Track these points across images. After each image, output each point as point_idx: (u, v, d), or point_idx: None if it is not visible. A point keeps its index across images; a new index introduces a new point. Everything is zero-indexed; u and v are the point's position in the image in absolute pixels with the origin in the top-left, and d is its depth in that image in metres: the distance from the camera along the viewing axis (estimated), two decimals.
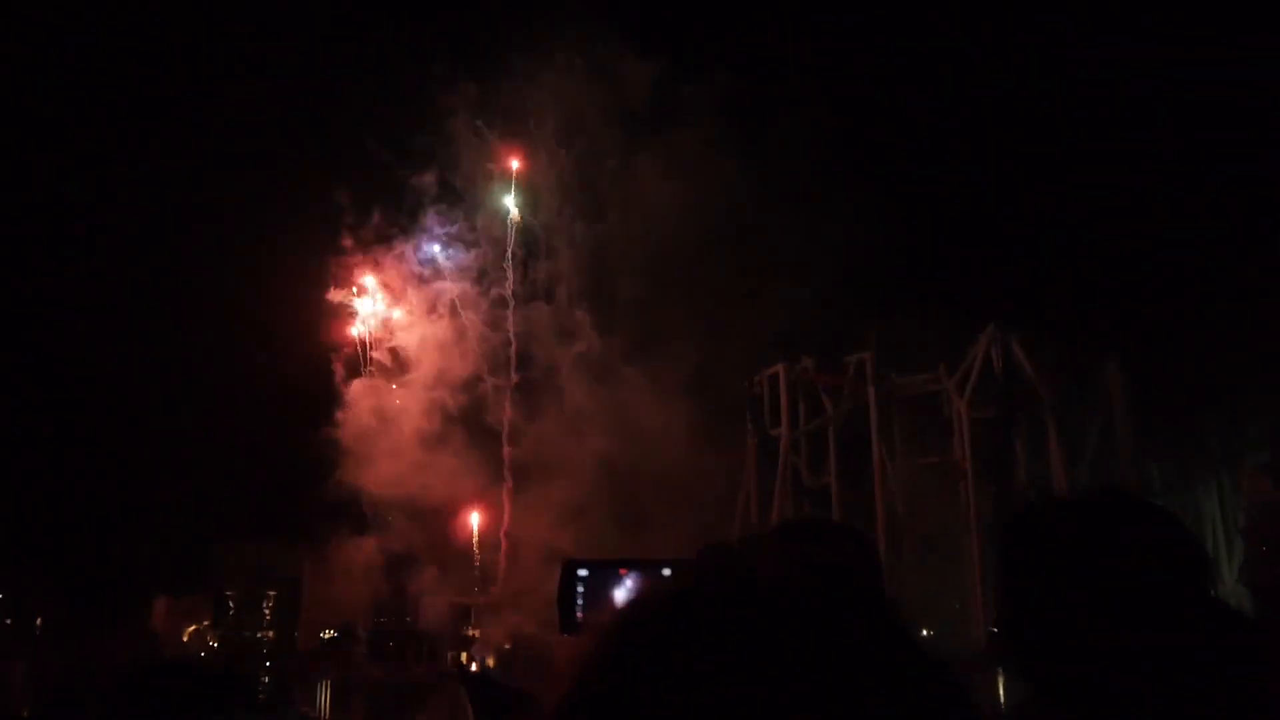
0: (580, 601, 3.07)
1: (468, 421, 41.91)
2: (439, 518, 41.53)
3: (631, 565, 3.11)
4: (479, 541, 41.99)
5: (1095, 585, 2.24)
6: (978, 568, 35.20)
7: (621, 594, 3.02)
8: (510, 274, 42.21)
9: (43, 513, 42.95)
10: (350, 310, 42.29)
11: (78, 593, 43.28)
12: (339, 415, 41.14)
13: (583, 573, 3.09)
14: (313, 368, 42.46)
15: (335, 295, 42.24)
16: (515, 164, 42.33)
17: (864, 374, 39.23)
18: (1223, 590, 33.19)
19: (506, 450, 41.66)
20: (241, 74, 44.38)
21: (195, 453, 43.53)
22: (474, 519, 42.06)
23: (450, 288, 42.46)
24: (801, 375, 40.46)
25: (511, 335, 41.91)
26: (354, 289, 42.51)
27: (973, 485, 36.45)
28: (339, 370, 42.04)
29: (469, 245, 42.53)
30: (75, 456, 44.18)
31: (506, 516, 41.41)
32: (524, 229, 42.64)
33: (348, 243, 42.28)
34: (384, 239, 42.43)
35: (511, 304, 42.08)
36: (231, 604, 48.38)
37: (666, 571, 2.86)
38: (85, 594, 43.38)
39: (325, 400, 41.50)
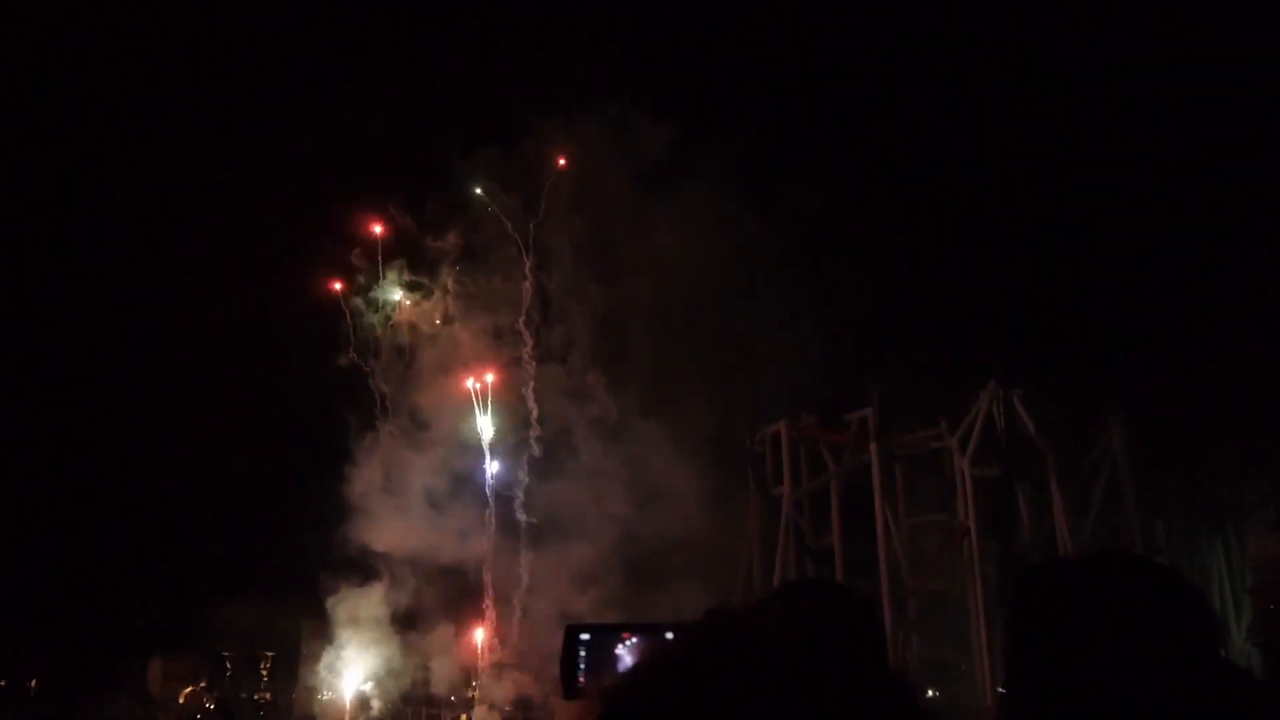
0: (583, 666, 3.04)
1: (477, 481, 41.98)
2: (447, 578, 41.29)
3: (634, 629, 3.09)
4: (488, 601, 41.60)
5: (1103, 646, 2.22)
6: (983, 627, 34.81)
7: (624, 658, 3.00)
8: (528, 338, 42.39)
9: (38, 572, 42.62)
10: (366, 367, 42.44)
11: (73, 654, 42.80)
12: (346, 473, 41.21)
13: (585, 637, 3.07)
14: (320, 423, 42.55)
15: (348, 356, 42.45)
16: (531, 228, 42.64)
17: (866, 431, 39.11)
18: (1232, 649, 32.81)
19: (522, 517, 41.48)
20: (260, 129, 44.89)
21: (192, 512, 43.32)
22: (485, 579, 41.75)
23: (467, 344, 42.68)
24: (803, 433, 40.34)
25: (531, 402, 41.93)
26: (369, 348, 42.70)
27: (976, 543, 36.16)
28: (350, 426, 42.15)
29: (486, 307, 42.85)
30: (71, 515, 43.95)
31: (525, 579, 40.99)
32: (538, 291, 42.88)
33: (364, 301, 42.68)
34: (403, 296, 42.75)
35: (533, 367, 42.14)
36: (228, 665, 47.84)
37: (670, 635, 2.83)
38: (80, 655, 42.90)
39: (332, 458, 41.62)
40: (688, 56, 45.08)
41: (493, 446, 42.05)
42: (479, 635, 41.39)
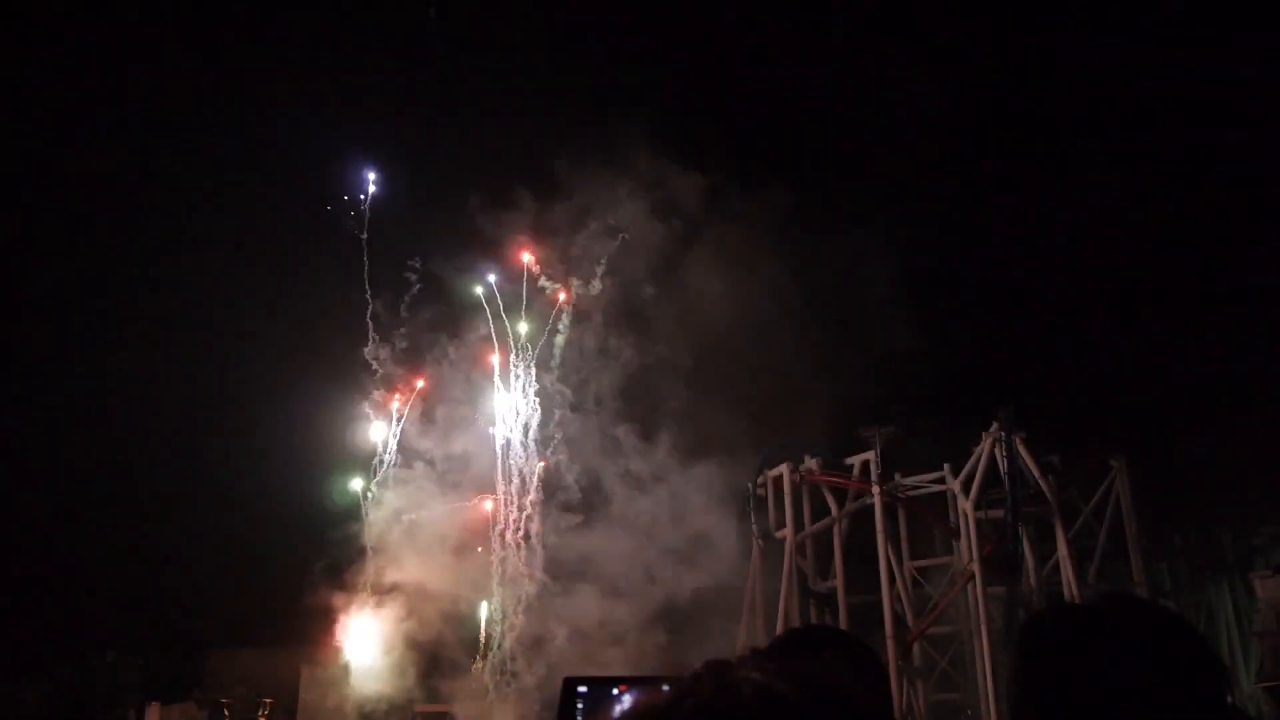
0: (580, 718, 3.01)
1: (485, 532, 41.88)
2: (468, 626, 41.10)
3: (630, 682, 3.06)
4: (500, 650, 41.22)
5: (1109, 691, 2.20)
6: (989, 671, 34.51)
7: (621, 710, 2.96)
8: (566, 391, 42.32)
9: (30, 617, 42.33)
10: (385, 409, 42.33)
11: (65, 701, 42.42)
12: (357, 517, 41.19)
13: (582, 689, 3.04)
14: (327, 468, 42.43)
15: (368, 404, 42.37)
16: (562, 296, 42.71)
17: (869, 474, 39.02)
18: (1240, 695, 32.48)
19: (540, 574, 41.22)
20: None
21: (192, 557, 43.14)
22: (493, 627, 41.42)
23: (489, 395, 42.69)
24: (805, 476, 40.22)
25: (560, 456, 41.84)
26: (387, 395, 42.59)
27: (981, 587, 35.93)
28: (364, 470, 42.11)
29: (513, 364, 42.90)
30: (64, 557, 43.73)
31: (540, 631, 40.56)
32: (560, 344, 42.88)
33: (383, 352, 42.65)
34: (422, 350, 42.74)
35: (567, 420, 42.05)
36: (226, 711, 47.34)
37: (666, 688, 2.80)
38: (73, 702, 42.53)
39: (337, 502, 41.52)
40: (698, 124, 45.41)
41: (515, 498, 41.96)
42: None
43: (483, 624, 41.19)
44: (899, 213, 42.94)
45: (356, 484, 42.35)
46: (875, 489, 38.43)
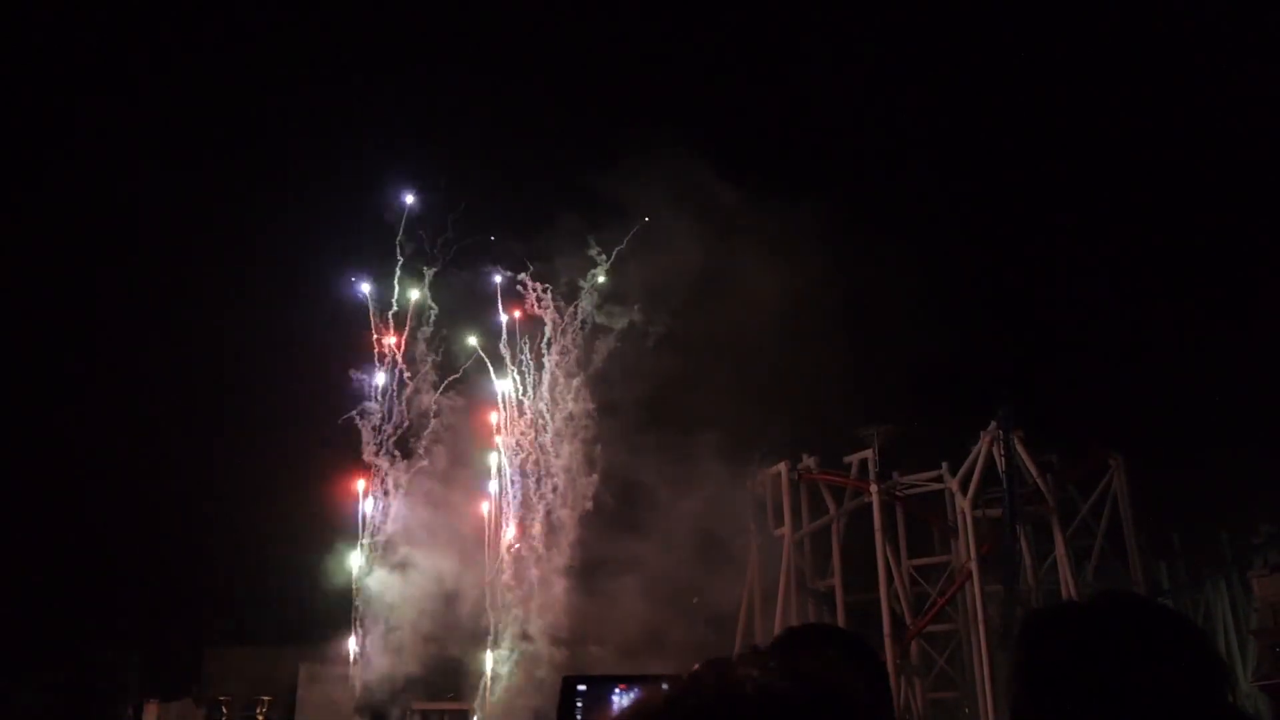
0: (579, 717, 3.01)
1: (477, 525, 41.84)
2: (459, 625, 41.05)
3: (630, 681, 3.06)
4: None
5: (1108, 690, 2.20)
6: (986, 669, 34.52)
7: (620, 708, 2.96)
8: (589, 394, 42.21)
9: (31, 616, 42.32)
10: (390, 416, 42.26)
11: (66, 699, 42.42)
12: (358, 515, 41.16)
13: (581, 688, 3.04)
14: (327, 470, 42.40)
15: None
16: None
17: (866, 473, 38.98)
18: (1237, 694, 32.50)
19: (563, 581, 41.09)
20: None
21: (191, 557, 43.12)
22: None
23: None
24: (804, 474, 40.16)
25: (578, 467, 41.78)
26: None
27: (978, 586, 35.93)
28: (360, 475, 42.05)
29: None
30: (65, 556, 43.72)
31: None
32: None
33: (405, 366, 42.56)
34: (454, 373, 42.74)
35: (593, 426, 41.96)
36: (224, 709, 47.35)
37: (665, 687, 2.80)
38: (74, 700, 42.52)
39: (337, 504, 41.51)
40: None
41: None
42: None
43: (492, 622, 41.14)
44: (901, 217, 43.00)
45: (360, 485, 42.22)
46: (873, 488, 38.43)
